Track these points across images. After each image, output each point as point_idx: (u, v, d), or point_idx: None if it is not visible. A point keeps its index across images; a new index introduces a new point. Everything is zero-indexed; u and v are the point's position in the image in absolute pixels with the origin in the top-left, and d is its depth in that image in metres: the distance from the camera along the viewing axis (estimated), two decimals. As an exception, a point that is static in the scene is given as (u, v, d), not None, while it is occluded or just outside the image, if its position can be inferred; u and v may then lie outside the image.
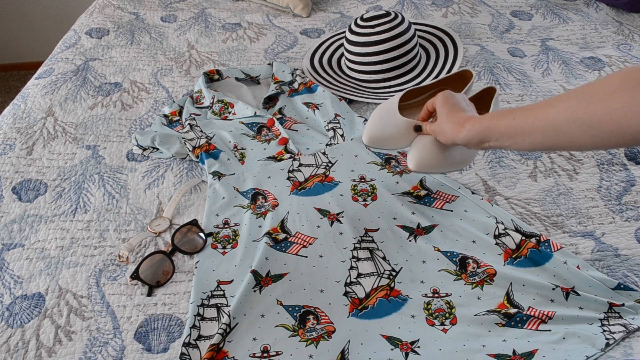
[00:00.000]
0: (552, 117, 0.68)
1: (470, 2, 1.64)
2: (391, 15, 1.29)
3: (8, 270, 0.93)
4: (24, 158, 1.15)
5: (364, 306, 0.84)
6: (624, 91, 0.62)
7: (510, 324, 0.81)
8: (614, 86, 0.63)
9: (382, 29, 1.27)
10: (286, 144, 1.13)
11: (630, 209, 0.98)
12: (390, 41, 1.27)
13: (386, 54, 1.27)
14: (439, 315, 0.83)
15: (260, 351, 0.79)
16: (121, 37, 1.55)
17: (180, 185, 1.08)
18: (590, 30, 1.49)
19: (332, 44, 1.46)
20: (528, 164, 1.08)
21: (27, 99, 1.31)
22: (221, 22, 1.62)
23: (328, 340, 0.80)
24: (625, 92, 0.62)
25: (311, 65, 1.38)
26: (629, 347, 0.77)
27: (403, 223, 0.97)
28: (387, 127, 0.93)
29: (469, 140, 0.78)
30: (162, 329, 0.84)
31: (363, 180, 1.05)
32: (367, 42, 1.27)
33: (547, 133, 0.69)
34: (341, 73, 1.36)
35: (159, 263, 0.91)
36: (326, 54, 1.42)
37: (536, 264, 0.88)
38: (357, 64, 1.30)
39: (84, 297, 0.88)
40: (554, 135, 0.68)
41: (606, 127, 0.64)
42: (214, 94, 1.24)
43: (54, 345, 0.82)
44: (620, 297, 0.83)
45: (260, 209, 1.00)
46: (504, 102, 1.24)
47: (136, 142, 1.14)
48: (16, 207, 1.04)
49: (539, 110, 0.69)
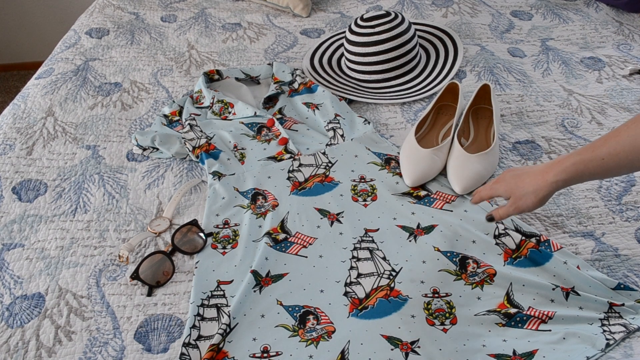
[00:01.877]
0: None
1: (470, 2, 1.64)
2: (391, 15, 1.29)
3: (8, 270, 0.93)
4: (24, 158, 1.15)
5: (364, 306, 0.84)
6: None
7: (511, 324, 0.81)
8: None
9: (382, 29, 1.26)
10: (286, 144, 1.13)
11: (630, 209, 0.98)
12: (390, 41, 1.26)
13: (386, 54, 1.27)
14: (439, 315, 0.83)
15: (260, 351, 0.79)
16: (121, 37, 1.55)
17: (180, 185, 1.08)
18: (590, 30, 1.49)
19: (332, 44, 1.46)
20: (528, 164, 1.08)
21: (27, 99, 1.31)
22: (221, 22, 1.62)
23: (328, 341, 0.80)
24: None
25: (311, 65, 1.38)
26: (629, 347, 0.77)
27: (403, 223, 0.97)
28: (420, 165, 1.02)
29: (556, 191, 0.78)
30: (162, 329, 0.84)
31: (363, 181, 1.05)
32: (367, 42, 1.27)
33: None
34: (341, 73, 1.36)
35: (159, 263, 0.91)
36: (326, 54, 1.42)
37: (536, 264, 0.88)
38: (357, 64, 1.30)
39: (84, 297, 0.88)
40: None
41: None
42: (214, 94, 1.24)
43: (54, 346, 0.82)
44: (621, 297, 0.83)
45: (260, 209, 1.00)
46: (503, 102, 1.24)
47: (136, 142, 1.14)
48: (16, 207, 1.04)
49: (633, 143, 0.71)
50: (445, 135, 1.15)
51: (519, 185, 0.79)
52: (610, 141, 0.73)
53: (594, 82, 1.29)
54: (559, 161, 0.77)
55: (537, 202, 0.78)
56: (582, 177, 0.76)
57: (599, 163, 0.74)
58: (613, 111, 1.20)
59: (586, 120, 1.18)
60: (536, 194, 0.78)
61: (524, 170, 0.82)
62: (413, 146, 1.06)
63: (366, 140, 1.14)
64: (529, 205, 0.79)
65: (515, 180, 0.81)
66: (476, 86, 1.27)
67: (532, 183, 0.78)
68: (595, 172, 0.75)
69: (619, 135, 0.73)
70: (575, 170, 0.75)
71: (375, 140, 1.14)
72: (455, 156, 1.04)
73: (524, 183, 0.79)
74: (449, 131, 1.15)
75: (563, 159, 0.77)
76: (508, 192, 0.80)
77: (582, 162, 0.75)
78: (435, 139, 1.14)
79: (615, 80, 1.30)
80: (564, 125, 1.17)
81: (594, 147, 0.74)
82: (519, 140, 1.14)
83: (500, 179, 0.84)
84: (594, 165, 0.74)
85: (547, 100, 1.24)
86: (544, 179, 0.77)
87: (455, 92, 1.20)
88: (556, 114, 1.20)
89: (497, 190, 0.83)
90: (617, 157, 0.72)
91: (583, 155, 0.75)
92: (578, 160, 0.75)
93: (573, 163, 0.75)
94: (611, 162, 0.73)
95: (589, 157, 0.74)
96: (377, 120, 1.22)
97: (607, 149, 0.73)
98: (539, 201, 0.78)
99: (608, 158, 0.73)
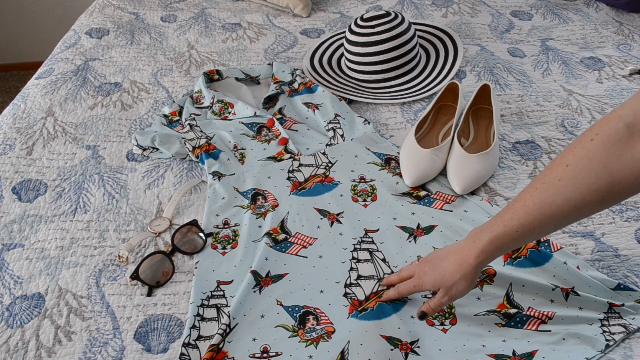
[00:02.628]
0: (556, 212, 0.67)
1: (470, 2, 1.64)
2: (391, 15, 1.29)
3: (8, 270, 0.93)
4: (24, 158, 1.15)
5: (364, 308, 0.84)
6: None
7: (510, 324, 0.81)
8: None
9: (382, 29, 1.26)
10: (286, 144, 1.13)
11: (630, 209, 0.98)
12: (390, 41, 1.26)
13: (386, 54, 1.27)
14: (439, 315, 0.83)
15: (260, 351, 0.79)
16: (121, 37, 1.55)
17: (180, 185, 1.08)
18: (590, 30, 1.49)
19: (332, 44, 1.46)
20: (528, 164, 1.08)
21: (27, 99, 1.31)
22: (221, 22, 1.62)
23: (328, 341, 0.80)
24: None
25: (311, 65, 1.37)
26: (628, 348, 0.77)
27: (403, 223, 0.97)
28: (420, 165, 1.02)
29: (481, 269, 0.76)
30: (162, 329, 0.84)
31: (363, 181, 1.05)
32: (367, 42, 1.27)
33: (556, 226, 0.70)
34: (341, 73, 1.36)
35: (158, 263, 0.91)
36: (326, 54, 1.42)
37: (536, 264, 0.88)
38: (357, 64, 1.30)
39: (84, 297, 0.88)
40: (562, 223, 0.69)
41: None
42: (214, 94, 1.24)
43: (54, 346, 0.82)
44: (620, 297, 0.83)
45: (260, 209, 1.00)
46: (503, 102, 1.24)
47: (136, 142, 1.14)
48: (16, 207, 1.04)
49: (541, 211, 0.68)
50: (445, 135, 1.15)
51: (445, 276, 0.76)
52: (519, 212, 0.70)
53: (594, 82, 1.29)
54: (474, 242, 0.74)
55: (468, 286, 0.76)
56: (503, 251, 0.74)
57: (515, 236, 0.71)
58: (613, 111, 1.20)
59: (586, 121, 1.18)
60: (466, 279, 0.75)
61: (439, 257, 0.78)
62: (413, 146, 1.06)
63: (366, 140, 1.14)
64: (461, 292, 0.76)
65: (438, 272, 0.77)
66: (476, 86, 1.27)
67: (457, 270, 0.75)
68: (514, 244, 0.72)
69: (525, 204, 0.69)
70: (493, 248, 0.73)
71: (375, 140, 1.14)
72: (455, 156, 1.04)
73: (448, 272, 0.76)
74: (449, 131, 1.15)
75: (478, 239, 0.74)
76: (436, 285, 0.77)
77: (498, 239, 0.72)
78: (435, 139, 1.14)
79: (615, 80, 1.30)
80: (564, 125, 1.17)
81: (505, 221, 0.71)
82: (519, 140, 1.14)
83: (419, 274, 0.80)
84: (511, 239, 0.71)
85: (547, 100, 1.24)
86: (467, 263, 0.74)
87: (455, 92, 1.20)
88: (556, 114, 1.20)
89: (422, 286, 0.79)
90: (530, 226, 0.69)
91: (497, 232, 0.72)
92: (493, 237, 0.72)
93: (490, 242, 0.72)
94: (527, 232, 0.70)
95: (502, 231, 0.71)
96: (377, 120, 1.22)
97: (517, 221, 0.70)
98: (470, 284, 0.76)
99: (522, 230, 0.70)
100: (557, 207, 0.66)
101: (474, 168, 1.01)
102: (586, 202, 0.65)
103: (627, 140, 0.61)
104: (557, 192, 0.66)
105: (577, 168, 0.64)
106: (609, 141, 0.62)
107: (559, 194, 0.66)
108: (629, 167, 0.61)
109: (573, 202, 0.65)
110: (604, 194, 0.63)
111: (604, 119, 0.64)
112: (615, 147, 0.62)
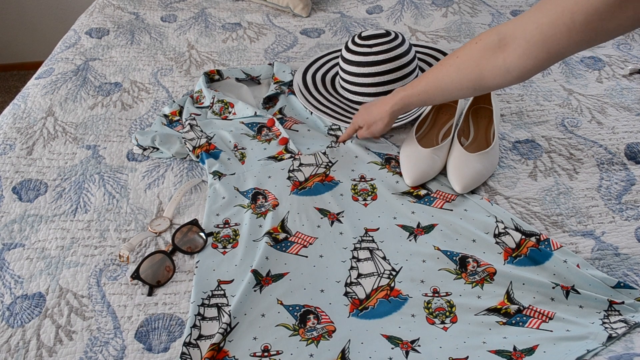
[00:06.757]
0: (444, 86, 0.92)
1: (470, 2, 1.64)
2: (391, 35, 1.21)
3: (8, 270, 0.93)
4: (24, 158, 1.15)
5: (364, 307, 0.84)
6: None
7: (511, 322, 0.81)
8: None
9: (380, 49, 1.19)
10: (286, 143, 1.13)
11: (630, 208, 0.98)
12: (388, 62, 1.19)
13: (382, 75, 1.19)
14: (439, 314, 0.83)
15: (261, 350, 0.79)
16: (121, 37, 1.55)
17: (181, 185, 1.08)
18: (590, 30, 1.49)
19: (327, 62, 1.37)
20: (528, 163, 1.08)
21: (27, 99, 1.31)
22: (221, 22, 1.62)
23: (328, 340, 0.80)
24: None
25: (303, 82, 1.29)
26: (630, 341, 0.77)
27: (403, 222, 0.97)
28: (420, 164, 1.03)
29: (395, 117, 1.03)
30: (163, 328, 0.84)
31: (363, 180, 1.05)
32: (363, 61, 1.19)
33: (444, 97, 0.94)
34: (334, 92, 1.28)
35: (159, 263, 0.91)
36: (320, 71, 1.33)
37: (536, 262, 0.88)
38: (350, 84, 1.23)
39: (85, 296, 0.88)
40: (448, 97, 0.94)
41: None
42: (214, 94, 1.24)
43: (55, 345, 0.82)
44: (620, 295, 0.83)
45: (261, 209, 1.00)
46: (503, 101, 1.24)
47: (136, 142, 1.14)
48: (16, 207, 1.04)
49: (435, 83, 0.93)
50: (445, 134, 1.15)
51: (370, 116, 1.05)
52: (422, 81, 0.94)
53: (594, 82, 1.29)
54: (393, 95, 1.01)
55: (384, 127, 1.04)
56: (409, 107, 1.00)
57: (417, 98, 0.96)
58: (613, 111, 1.20)
59: (586, 120, 1.18)
60: (382, 121, 1.03)
61: (371, 104, 1.06)
62: (413, 146, 1.06)
63: (366, 140, 1.14)
64: (379, 129, 1.05)
65: (367, 112, 1.06)
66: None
67: (378, 112, 1.03)
68: (416, 103, 0.98)
69: (428, 76, 0.93)
70: (403, 102, 0.99)
71: (375, 140, 1.14)
72: (455, 155, 1.04)
73: (372, 115, 1.04)
74: (449, 131, 1.15)
75: (395, 95, 1.00)
76: (363, 121, 1.06)
77: (407, 97, 0.98)
78: (436, 138, 1.14)
79: (615, 79, 1.30)
80: (564, 125, 1.17)
81: (414, 85, 0.96)
82: (519, 140, 1.14)
83: (356, 116, 1.09)
84: (415, 100, 0.97)
85: (547, 99, 1.25)
86: (384, 109, 1.02)
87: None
88: (556, 113, 1.20)
89: (356, 122, 1.08)
90: (427, 93, 0.94)
91: (407, 91, 0.98)
92: (404, 95, 0.98)
93: (401, 97, 0.99)
94: (425, 97, 0.95)
95: (410, 92, 0.97)
96: (377, 120, 1.22)
97: (420, 87, 0.95)
98: (386, 126, 1.04)
99: (422, 94, 0.95)
100: (445, 84, 0.91)
101: (474, 167, 1.01)
102: (463, 86, 0.89)
103: (495, 50, 0.82)
104: (447, 73, 0.90)
105: (461, 61, 0.87)
106: (484, 48, 0.83)
107: (448, 75, 0.90)
108: (491, 69, 0.83)
109: (456, 83, 0.89)
110: (474, 83, 0.87)
111: (490, 30, 0.84)
112: (487, 53, 0.83)
